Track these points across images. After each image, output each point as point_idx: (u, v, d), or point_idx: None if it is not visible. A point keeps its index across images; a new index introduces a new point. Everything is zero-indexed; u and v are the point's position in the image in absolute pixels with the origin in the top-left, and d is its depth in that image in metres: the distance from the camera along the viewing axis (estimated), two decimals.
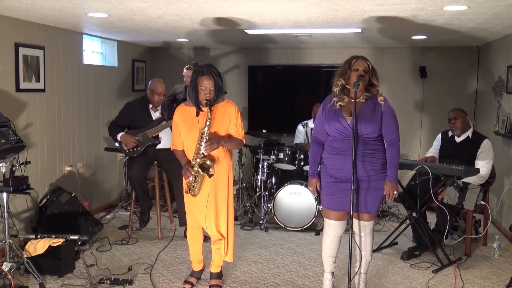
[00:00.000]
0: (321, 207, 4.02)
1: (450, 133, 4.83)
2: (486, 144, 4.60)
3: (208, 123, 3.43)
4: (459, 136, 4.74)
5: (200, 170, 3.47)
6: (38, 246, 3.93)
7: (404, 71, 6.95)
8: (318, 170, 3.47)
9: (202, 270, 3.98)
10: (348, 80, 3.31)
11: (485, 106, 6.28)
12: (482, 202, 4.55)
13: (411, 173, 4.60)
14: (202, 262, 3.95)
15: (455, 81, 6.81)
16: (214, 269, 3.83)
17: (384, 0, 3.60)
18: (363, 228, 3.42)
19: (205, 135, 3.45)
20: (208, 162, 3.44)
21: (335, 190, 3.35)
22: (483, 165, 4.50)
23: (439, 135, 4.97)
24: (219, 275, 3.86)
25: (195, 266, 3.93)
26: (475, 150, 4.60)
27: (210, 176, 3.47)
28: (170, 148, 5.00)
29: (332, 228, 3.42)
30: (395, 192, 3.30)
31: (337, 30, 5.13)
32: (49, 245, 3.92)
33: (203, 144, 3.45)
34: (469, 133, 4.72)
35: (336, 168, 3.33)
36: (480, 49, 6.58)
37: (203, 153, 3.47)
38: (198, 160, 3.47)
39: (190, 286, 3.82)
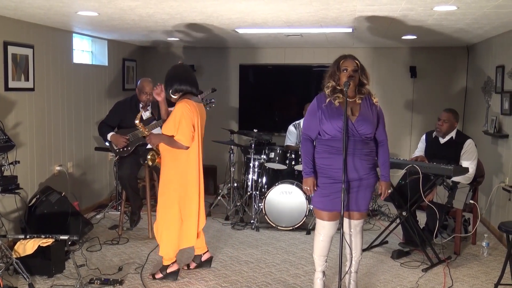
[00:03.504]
0: (311, 206, 4.01)
1: (434, 134, 4.85)
2: (469, 145, 4.63)
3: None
4: (442, 137, 4.77)
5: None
6: (28, 246, 3.89)
7: (395, 70, 6.98)
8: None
9: (203, 255, 4.14)
10: (338, 81, 3.30)
11: (474, 106, 6.32)
12: (471, 201, 4.59)
13: (401, 172, 4.63)
14: (201, 247, 4.12)
15: (444, 81, 6.86)
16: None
17: (374, 0, 3.61)
18: (354, 227, 3.43)
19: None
20: (151, 153, 4.33)
21: (332, 191, 3.31)
22: (467, 165, 4.52)
23: (423, 137, 4.98)
24: (161, 267, 3.97)
25: (196, 250, 4.13)
26: (459, 151, 4.63)
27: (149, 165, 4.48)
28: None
29: (325, 228, 3.41)
30: (388, 191, 3.45)
31: (328, 29, 5.14)
32: (39, 245, 3.89)
33: None
34: (452, 134, 4.73)
35: (336, 168, 3.27)
36: (469, 49, 6.63)
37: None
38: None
39: (187, 268, 4.13)
